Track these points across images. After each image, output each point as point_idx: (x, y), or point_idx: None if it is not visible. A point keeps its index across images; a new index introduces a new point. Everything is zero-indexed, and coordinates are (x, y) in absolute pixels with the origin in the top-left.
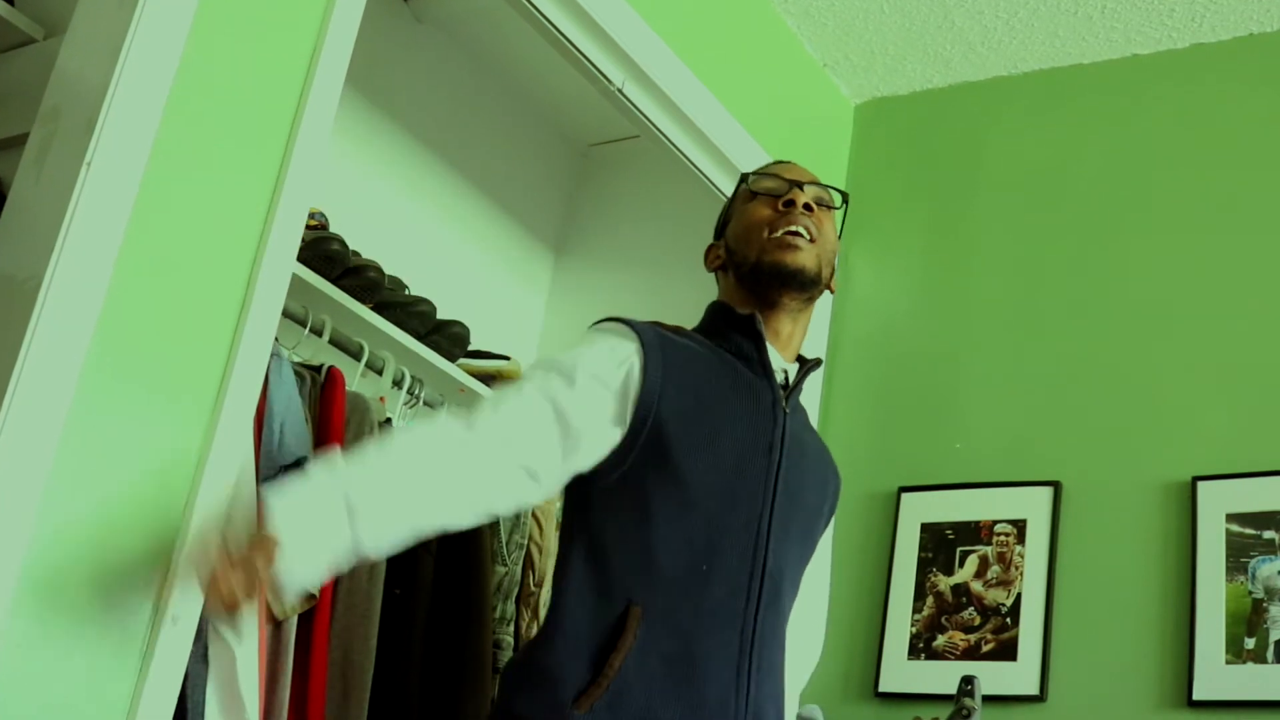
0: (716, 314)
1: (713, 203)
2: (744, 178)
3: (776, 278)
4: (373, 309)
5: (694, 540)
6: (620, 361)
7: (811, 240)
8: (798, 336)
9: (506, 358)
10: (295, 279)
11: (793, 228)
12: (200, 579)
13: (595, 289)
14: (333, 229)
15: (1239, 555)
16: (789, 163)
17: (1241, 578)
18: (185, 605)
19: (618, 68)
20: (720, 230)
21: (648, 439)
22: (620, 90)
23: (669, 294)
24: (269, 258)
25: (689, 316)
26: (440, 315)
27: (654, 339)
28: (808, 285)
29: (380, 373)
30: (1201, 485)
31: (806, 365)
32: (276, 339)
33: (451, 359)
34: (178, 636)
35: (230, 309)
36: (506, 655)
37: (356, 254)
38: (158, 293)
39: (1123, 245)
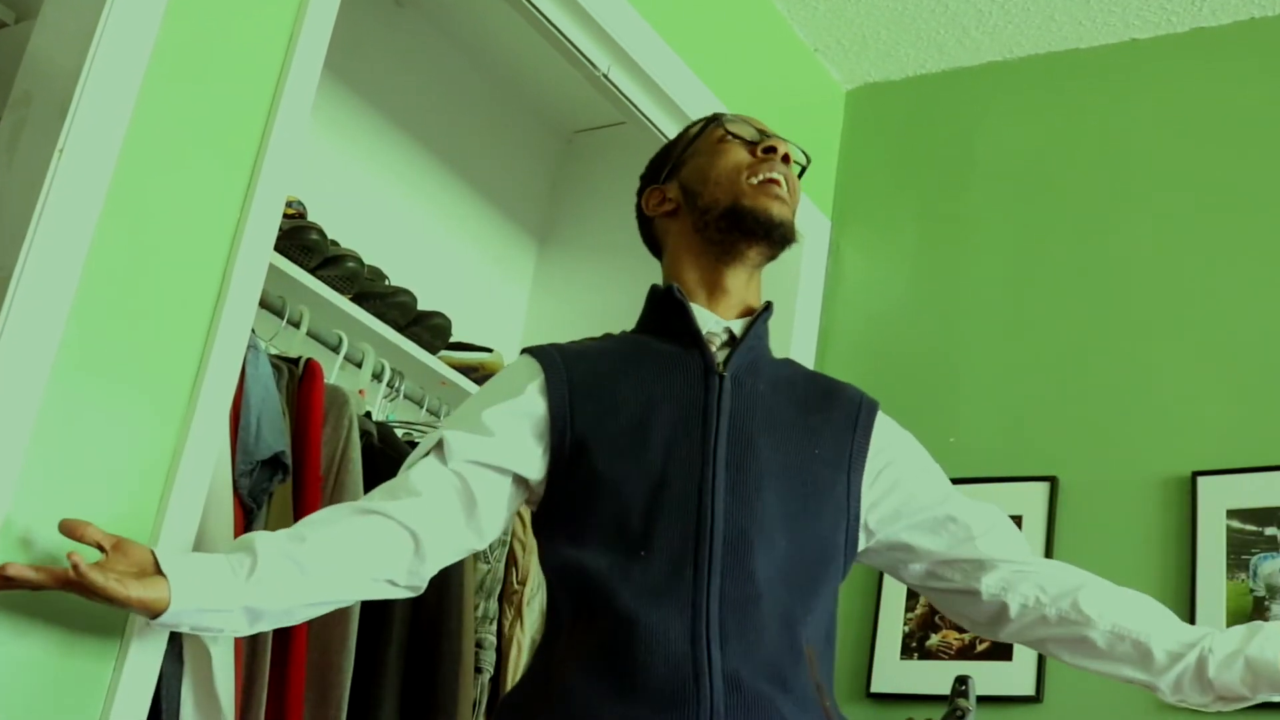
0: (647, 299)
1: None
2: (714, 117)
3: (758, 225)
4: (352, 300)
5: (629, 532)
6: (522, 396)
7: (790, 194)
8: (748, 295)
9: (489, 350)
10: (272, 269)
11: (774, 175)
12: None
13: (579, 279)
14: (311, 218)
15: (1240, 552)
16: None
17: (1243, 575)
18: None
19: (603, 52)
20: (663, 174)
21: (570, 459)
22: (605, 76)
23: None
24: (245, 247)
25: None
26: (421, 306)
27: (554, 360)
28: (784, 241)
29: (359, 365)
30: (1201, 480)
31: (757, 316)
32: (253, 330)
33: (433, 351)
34: (152, 635)
35: (206, 299)
36: (489, 655)
37: (335, 243)
38: (132, 283)
39: (1121, 234)
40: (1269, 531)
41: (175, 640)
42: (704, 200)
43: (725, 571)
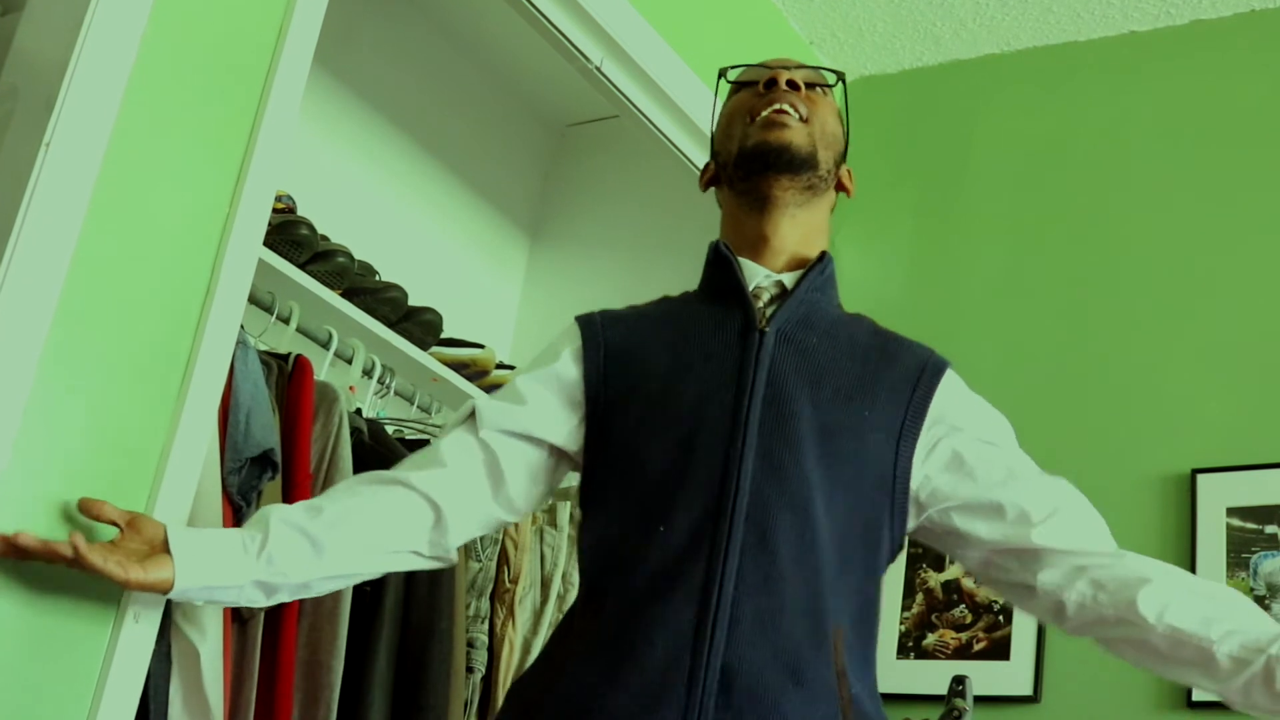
0: (709, 253)
1: (694, 184)
2: (722, 73)
3: (762, 160)
4: (342, 295)
5: (651, 501)
6: (557, 362)
7: (804, 120)
8: (798, 244)
9: (480, 346)
10: (262, 264)
11: (776, 105)
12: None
13: (572, 274)
14: (301, 212)
15: (1240, 551)
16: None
17: (1243, 574)
18: (148, 602)
19: (596, 45)
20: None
21: (602, 426)
22: (598, 68)
23: (649, 279)
24: (234, 242)
25: None
26: (412, 302)
27: (593, 325)
28: (799, 165)
29: (350, 361)
30: (1201, 478)
31: (811, 267)
32: (242, 326)
33: (423, 347)
34: (140, 634)
35: (194, 295)
36: (480, 654)
37: (325, 238)
38: (119, 279)
39: (1119, 228)
40: (1269, 530)
41: (164, 639)
42: (723, 157)
43: (745, 550)
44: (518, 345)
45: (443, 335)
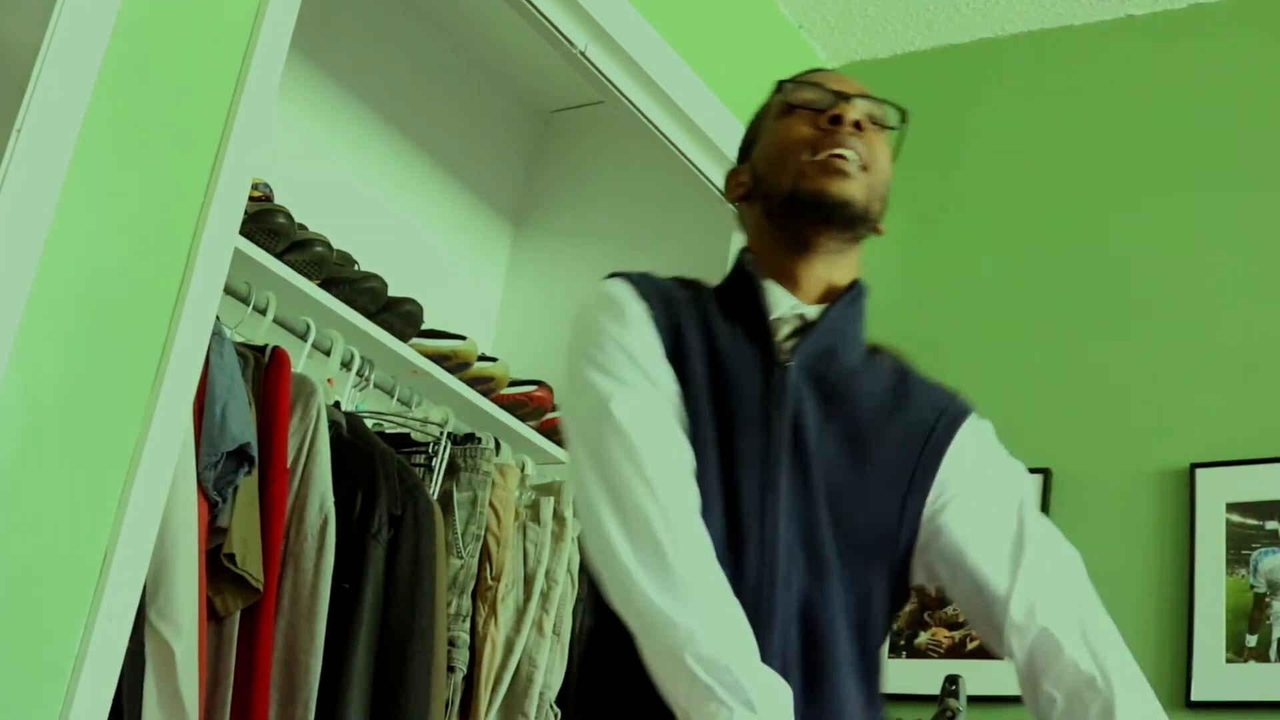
0: (732, 265)
1: (681, 172)
2: (779, 86)
3: (817, 210)
4: (320, 285)
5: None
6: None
7: (863, 167)
8: (835, 274)
9: (462, 337)
10: (238, 254)
11: (839, 150)
12: None
13: (556, 264)
14: (278, 201)
15: (1240, 547)
16: (833, 72)
17: (1243, 571)
18: (121, 601)
19: (580, 29)
20: (745, 152)
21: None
22: (583, 53)
23: (635, 268)
24: (210, 231)
25: None
26: (392, 292)
27: (659, 302)
28: (854, 222)
29: (328, 353)
30: (1200, 473)
31: (838, 298)
32: (218, 317)
33: (404, 339)
34: (113, 633)
35: (169, 286)
36: (462, 653)
37: (303, 227)
38: (92, 269)
39: (1116, 219)
40: (1270, 526)
41: (137, 638)
42: (766, 185)
43: (788, 619)
44: (500, 337)
45: (423, 326)
